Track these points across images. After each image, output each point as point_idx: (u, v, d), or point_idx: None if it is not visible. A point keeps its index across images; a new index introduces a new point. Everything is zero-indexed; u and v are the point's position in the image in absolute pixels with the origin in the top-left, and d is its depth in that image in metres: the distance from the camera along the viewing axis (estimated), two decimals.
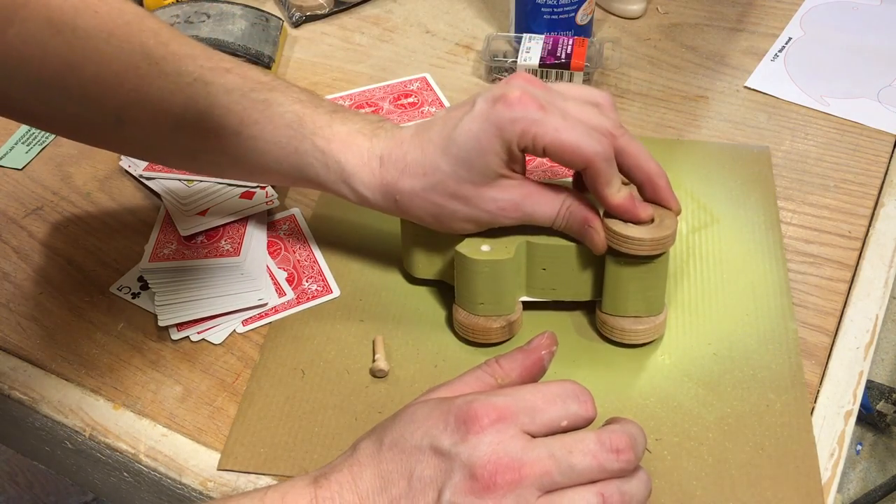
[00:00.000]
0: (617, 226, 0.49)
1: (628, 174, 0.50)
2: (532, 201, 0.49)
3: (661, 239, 0.49)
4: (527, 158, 0.63)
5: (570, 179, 0.59)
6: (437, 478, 0.38)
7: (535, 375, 0.44)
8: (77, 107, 0.48)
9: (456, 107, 0.50)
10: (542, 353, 0.44)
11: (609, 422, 0.42)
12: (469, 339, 0.54)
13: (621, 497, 0.38)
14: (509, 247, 0.51)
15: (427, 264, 0.56)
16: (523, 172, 0.50)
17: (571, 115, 0.47)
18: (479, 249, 0.51)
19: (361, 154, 0.51)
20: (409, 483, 0.38)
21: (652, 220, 0.50)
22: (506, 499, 0.36)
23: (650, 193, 0.50)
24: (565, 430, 0.39)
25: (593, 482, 0.38)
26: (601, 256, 0.51)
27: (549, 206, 0.50)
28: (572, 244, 0.51)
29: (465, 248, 0.51)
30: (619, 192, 0.48)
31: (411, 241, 0.55)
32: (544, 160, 0.62)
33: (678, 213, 0.51)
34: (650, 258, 0.50)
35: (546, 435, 0.39)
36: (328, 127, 0.52)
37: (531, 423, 0.39)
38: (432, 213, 0.51)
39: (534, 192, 0.49)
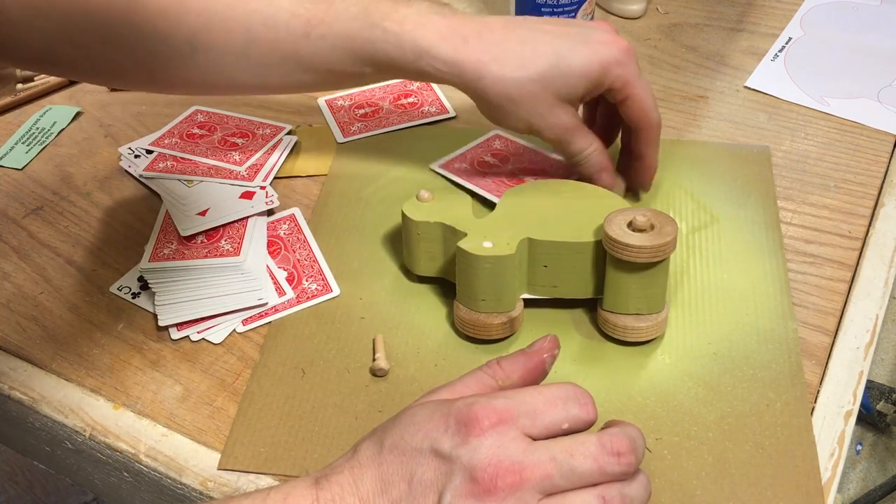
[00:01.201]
0: (617, 234, 0.49)
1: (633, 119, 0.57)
2: (577, 130, 0.57)
3: (661, 246, 0.49)
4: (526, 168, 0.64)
5: (573, 181, 0.60)
6: (437, 480, 0.38)
7: (536, 378, 0.44)
8: (148, 42, 0.51)
9: (566, 22, 0.57)
10: (545, 356, 0.44)
11: (608, 424, 0.42)
12: (470, 336, 0.54)
13: (622, 500, 0.38)
14: (511, 243, 0.51)
15: (428, 261, 0.56)
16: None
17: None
18: (482, 246, 0.51)
19: (440, 30, 0.54)
20: (410, 486, 0.38)
21: (652, 227, 0.50)
22: (506, 502, 0.36)
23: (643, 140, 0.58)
24: (566, 433, 0.39)
25: (594, 485, 0.38)
26: (602, 254, 0.51)
27: (585, 140, 0.57)
28: (573, 241, 0.52)
29: (468, 244, 0.51)
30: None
31: (413, 239, 0.55)
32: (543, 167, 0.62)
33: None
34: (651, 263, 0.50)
35: (547, 438, 0.39)
36: (395, 12, 0.54)
37: (532, 426, 0.39)
38: (509, 99, 0.55)
39: (581, 125, 0.57)
